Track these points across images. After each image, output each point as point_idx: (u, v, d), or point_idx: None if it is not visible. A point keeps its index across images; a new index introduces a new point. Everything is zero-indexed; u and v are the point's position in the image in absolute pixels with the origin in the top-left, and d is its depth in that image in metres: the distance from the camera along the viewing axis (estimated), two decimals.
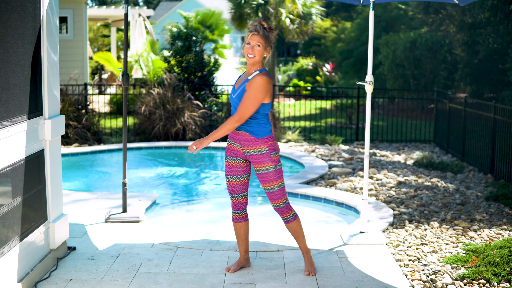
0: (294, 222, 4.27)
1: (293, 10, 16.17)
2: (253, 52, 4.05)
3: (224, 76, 16.18)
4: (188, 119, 10.58)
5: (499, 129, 8.02)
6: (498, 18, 11.63)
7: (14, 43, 3.72)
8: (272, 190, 4.17)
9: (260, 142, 4.12)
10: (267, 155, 4.13)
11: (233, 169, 4.24)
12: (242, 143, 4.15)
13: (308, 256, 4.35)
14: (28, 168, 3.94)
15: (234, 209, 4.34)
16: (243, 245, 4.39)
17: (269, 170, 4.14)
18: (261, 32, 4.05)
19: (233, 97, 4.16)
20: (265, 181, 4.16)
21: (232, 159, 4.24)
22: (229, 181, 4.27)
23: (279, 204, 4.21)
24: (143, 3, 55.46)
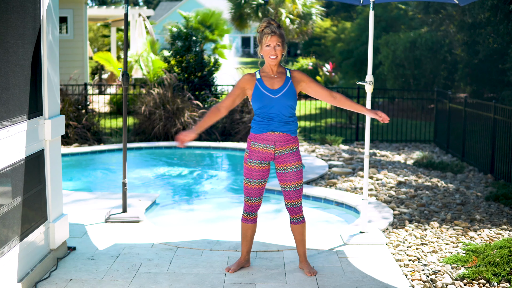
0: (302, 225, 4.30)
1: (293, 10, 16.17)
2: (275, 53, 4.11)
3: (224, 76, 16.18)
4: (188, 119, 10.58)
5: (499, 129, 8.01)
6: (498, 18, 11.63)
7: (14, 43, 3.72)
8: (296, 188, 4.21)
9: (294, 141, 4.21)
10: (297, 153, 4.23)
11: (259, 173, 4.21)
12: (277, 144, 4.16)
13: (306, 262, 4.36)
14: (28, 168, 3.94)
15: (246, 210, 4.32)
16: (246, 246, 4.39)
17: (298, 168, 4.21)
18: (278, 32, 4.11)
19: (275, 97, 4.13)
20: (291, 179, 4.19)
21: (259, 163, 4.20)
22: (251, 185, 4.23)
23: (298, 202, 4.26)
24: (143, 3, 55.46)
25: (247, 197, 4.28)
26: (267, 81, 4.18)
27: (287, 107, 4.13)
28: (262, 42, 4.15)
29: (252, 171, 4.21)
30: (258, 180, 4.22)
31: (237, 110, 11.05)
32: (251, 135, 4.23)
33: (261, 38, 4.14)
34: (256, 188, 4.24)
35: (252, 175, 4.21)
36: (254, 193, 4.25)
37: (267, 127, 4.15)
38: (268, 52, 4.12)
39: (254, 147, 4.20)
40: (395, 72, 16.16)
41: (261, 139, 4.17)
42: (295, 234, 4.33)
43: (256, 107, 4.16)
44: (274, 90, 4.14)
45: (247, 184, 4.24)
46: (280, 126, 4.14)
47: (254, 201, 4.27)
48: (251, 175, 4.21)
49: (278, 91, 4.13)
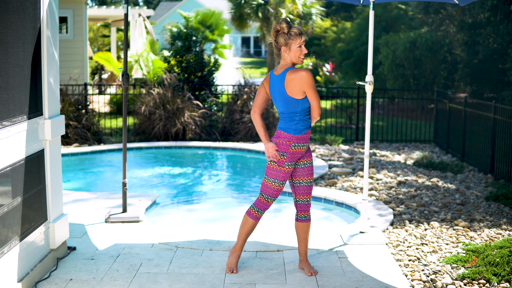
0: (307, 224, 4.32)
1: (293, 10, 16.17)
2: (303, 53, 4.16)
3: (224, 76, 16.18)
4: (188, 119, 10.58)
5: (499, 129, 8.02)
6: (498, 18, 11.63)
7: (14, 43, 3.72)
8: (309, 183, 4.27)
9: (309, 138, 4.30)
10: (310, 149, 4.38)
11: (286, 176, 4.21)
12: (306, 142, 4.23)
13: (306, 262, 4.37)
14: (28, 168, 3.94)
15: (260, 208, 4.26)
16: (245, 240, 4.37)
17: (311, 163, 4.31)
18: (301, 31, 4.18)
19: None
20: (306, 174, 4.24)
21: (292, 164, 4.20)
22: (277, 186, 4.20)
23: (309, 199, 4.30)
24: (143, 3, 55.46)
25: (269, 197, 4.24)
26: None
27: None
28: (292, 43, 4.11)
29: (286, 174, 4.19)
30: (284, 181, 4.24)
31: (237, 110, 11.05)
32: (291, 137, 4.13)
33: (290, 39, 4.10)
34: (279, 189, 4.25)
35: (281, 176, 4.19)
36: (275, 194, 4.25)
37: (307, 126, 4.20)
38: (299, 53, 4.14)
39: (295, 148, 4.16)
40: (395, 72, 16.16)
41: (303, 139, 4.19)
42: (298, 232, 4.33)
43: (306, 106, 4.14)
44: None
45: (274, 185, 4.20)
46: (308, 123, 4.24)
47: (271, 200, 4.27)
48: (280, 176, 4.18)
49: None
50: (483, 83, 13.95)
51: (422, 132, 12.24)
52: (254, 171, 8.91)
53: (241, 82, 11.56)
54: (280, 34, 4.15)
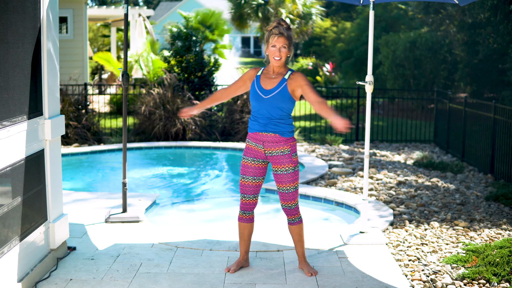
0: (299, 226, 4.29)
1: (293, 10, 16.17)
2: (280, 54, 4.10)
3: (224, 76, 16.18)
4: (188, 119, 10.58)
5: (499, 129, 8.01)
6: (498, 18, 11.63)
7: (14, 43, 3.72)
8: (288, 191, 4.19)
9: (285, 143, 4.15)
10: (288, 156, 4.15)
11: (251, 170, 4.23)
12: (266, 145, 4.15)
13: (306, 261, 4.36)
14: (28, 168, 3.94)
15: (242, 209, 4.33)
16: (244, 246, 4.39)
17: (288, 171, 4.16)
18: (286, 33, 4.09)
19: (266, 97, 4.12)
20: (282, 181, 4.17)
21: (251, 159, 4.22)
22: (243, 181, 4.26)
23: (291, 205, 4.24)
24: (143, 3, 55.46)
25: (241, 194, 4.30)
26: (264, 81, 4.19)
27: (276, 109, 4.11)
28: (268, 42, 4.13)
29: (246, 168, 4.24)
30: (252, 177, 4.23)
31: (237, 110, 11.05)
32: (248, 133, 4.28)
33: (268, 37, 4.12)
34: (250, 185, 4.24)
35: (246, 171, 4.24)
36: (248, 190, 4.26)
37: (255, 127, 4.18)
38: (273, 53, 4.11)
39: (249, 144, 4.24)
40: (395, 72, 16.16)
41: (252, 137, 4.21)
42: (292, 235, 4.34)
43: (251, 104, 4.22)
44: (266, 91, 4.14)
45: (242, 181, 4.27)
46: (267, 126, 4.13)
47: (248, 198, 4.28)
48: (245, 171, 4.25)
49: (270, 91, 4.13)
50: (483, 83, 13.95)
51: (422, 132, 12.24)
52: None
53: None
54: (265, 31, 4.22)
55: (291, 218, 4.28)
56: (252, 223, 4.37)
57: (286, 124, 4.16)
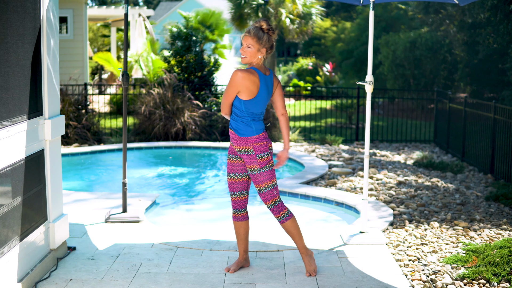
0: (287, 222, 4.23)
1: (293, 10, 16.17)
2: (244, 53, 4.11)
3: (224, 76, 16.18)
4: (188, 119, 10.58)
5: (499, 129, 8.01)
6: (498, 18, 11.63)
7: (14, 43, 3.72)
8: (260, 191, 4.20)
9: (246, 142, 4.13)
10: (254, 157, 4.13)
11: (233, 167, 4.27)
12: (233, 141, 4.21)
13: (307, 256, 4.30)
14: (28, 168, 3.94)
15: (233, 207, 4.37)
16: (242, 245, 4.39)
17: (254, 172, 4.15)
18: (253, 33, 4.06)
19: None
20: (254, 181, 4.20)
21: (231, 156, 4.29)
22: (229, 179, 4.32)
23: (268, 205, 4.22)
24: (143, 3, 55.46)
25: (230, 192, 4.35)
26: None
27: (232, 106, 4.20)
28: None
29: (229, 165, 4.31)
30: (234, 173, 4.27)
31: None
32: None
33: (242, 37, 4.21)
34: (235, 182, 4.27)
35: (229, 168, 4.31)
36: (235, 188, 4.29)
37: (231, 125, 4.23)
38: (240, 51, 4.15)
39: (231, 143, 4.30)
40: (395, 72, 16.16)
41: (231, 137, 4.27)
42: (287, 232, 4.29)
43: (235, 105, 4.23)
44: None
45: (227, 179, 4.34)
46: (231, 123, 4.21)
47: (236, 196, 4.30)
48: (228, 168, 4.32)
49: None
50: (483, 83, 13.95)
51: (422, 132, 12.24)
52: None
53: None
54: None
55: (277, 217, 4.24)
56: (247, 221, 4.36)
57: (242, 122, 4.13)
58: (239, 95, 4.08)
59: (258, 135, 4.13)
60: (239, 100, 4.10)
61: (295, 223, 4.26)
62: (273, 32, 4.15)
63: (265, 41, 4.08)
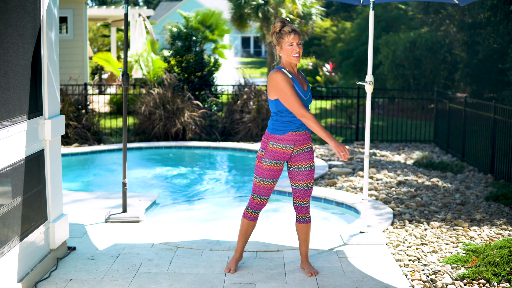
0: (308, 225, 4.32)
1: (293, 10, 16.17)
2: (299, 51, 4.11)
3: (224, 76, 16.18)
4: (188, 119, 10.58)
5: (499, 129, 8.01)
6: (498, 18, 11.64)
7: (14, 43, 3.72)
8: (307, 187, 4.24)
9: (310, 139, 4.25)
10: (312, 152, 4.27)
11: (274, 173, 4.20)
12: (296, 144, 4.16)
13: (308, 262, 4.38)
14: (28, 168, 3.94)
15: (252, 208, 4.29)
16: (245, 242, 4.40)
17: (312, 166, 4.24)
18: (298, 31, 4.14)
19: (306, 99, 4.17)
20: (304, 178, 4.21)
21: (276, 162, 4.17)
22: (265, 184, 4.20)
23: (306, 202, 4.27)
24: (143, 3, 55.46)
25: (257, 195, 4.25)
26: (298, 82, 4.19)
27: (309, 109, 4.20)
28: (282, 41, 4.10)
29: (270, 171, 4.18)
30: (271, 179, 4.21)
31: (237, 110, 11.05)
32: (268, 135, 4.18)
33: (280, 38, 4.10)
34: (268, 187, 4.23)
35: (269, 174, 4.19)
36: (265, 192, 4.24)
37: (289, 128, 4.14)
38: (291, 51, 4.09)
39: (272, 147, 4.17)
40: (395, 72, 16.16)
41: (282, 139, 4.16)
42: (299, 233, 4.33)
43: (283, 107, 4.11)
44: (305, 92, 4.18)
45: (260, 183, 4.21)
46: (302, 125, 4.17)
47: (264, 199, 4.27)
48: (268, 174, 4.19)
49: (307, 92, 4.19)
50: (483, 83, 13.95)
51: (422, 132, 12.24)
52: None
53: (241, 82, 11.56)
54: (273, 34, 4.18)
55: (302, 216, 4.29)
56: (256, 222, 4.38)
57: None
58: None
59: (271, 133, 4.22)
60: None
61: (310, 229, 4.36)
62: None
63: None
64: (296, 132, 4.15)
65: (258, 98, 10.96)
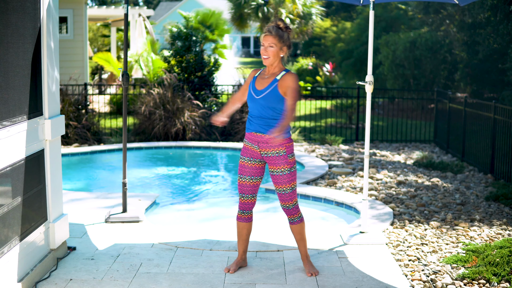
0: (300, 225, 4.28)
1: (293, 10, 16.17)
2: (267, 53, 4.08)
3: (224, 76, 16.18)
4: (188, 119, 10.58)
5: (499, 129, 8.01)
6: (498, 18, 11.64)
7: (14, 43, 3.72)
8: (284, 192, 4.18)
9: (280, 145, 4.11)
10: (284, 157, 4.13)
11: (247, 170, 4.23)
12: (261, 145, 4.14)
13: (308, 260, 4.36)
14: (28, 168, 3.94)
15: (240, 208, 4.32)
16: (243, 245, 4.39)
17: (284, 172, 4.14)
18: (274, 32, 4.07)
19: (257, 98, 4.11)
20: (279, 182, 4.17)
21: (248, 159, 4.22)
22: (241, 181, 4.26)
23: (289, 205, 4.23)
24: (143, 3, 55.46)
25: (240, 194, 4.30)
26: (258, 81, 4.18)
27: (267, 109, 4.09)
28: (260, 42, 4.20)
29: (243, 167, 4.25)
30: (249, 176, 4.23)
31: (237, 110, 11.05)
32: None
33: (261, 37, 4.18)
34: (247, 185, 4.24)
35: (243, 171, 4.24)
36: (246, 190, 4.26)
37: (250, 127, 4.18)
38: (261, 52, 4.13)
39: (245, 144, 4.24)
40: (395, 72, 16.16)
41: (248, 137, 4.21)
42: (294, 234, 4.34)
43: (248, 105, 4.22)
44: (258, 91, 4.13)
45: (239, 180, 4.27)
46: (261, 127, 4.11)
47: (246, 198, 4.27)
48: (242, 171, 4.25)
49: (261, 92, 4.12)
50: (483, 83, 13.95)
51: (422, 132, 12.24)
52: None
53: (241, 82, 11.56)
54: None
55: (291, 218, 4.28)
56: (251, 222, 4.36)
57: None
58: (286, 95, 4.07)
59: (290, 136, 4.19)
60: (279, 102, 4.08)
61: (304, 227, 4.33)
62: (290, 30, 4.16)
63: (285, 39, 4.10)
64: (256, 133, 4.14)
65: None
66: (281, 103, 4.08)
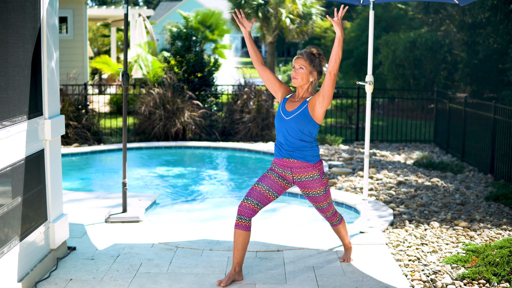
0: (340, 225, 4.52)
1: (293, 10, 16.17)
2: (296, 74, 4.10)
3: (224, 76, 16.18)
4: (188, 119, 10.58)
5: (499, 129, 8.02)
6: (498, 18, 11.64)
7: (14, 43, 3.72)
8: (322, 207, 4.35)
9: (313, 168, 4.14)
10: (319, 180, 4.18)
11: (271, 182, 4.15)
12: (294, 171, 4.14)
13: (349, 249, 4.63)
14: (28, 168, 3.94)
15: (239, 213, 4.08)
16: (237, 256, 4.11)
17: (320, 194, 4.23)
18: (305, 56, 4.09)
19: (287, 119, 4.09)
20: (316, 201, 4.29)
21: (276, 176, 4.18)
22: (257, 186, 4.13)
23: (327, 215, 4.43)
24: (143, 3, 55.47)
25: (246, 196, 4.09)
26: (288, 103, 4.17)
27: (296, 131, 4.06)
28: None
29: (267, 178, 4.17)
30: (268, 187, 4.12)
31: (237, 110, 11.05)
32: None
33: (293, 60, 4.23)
34: (261, 193, 4.10)
35: (266, 181, 4.15)
36: (255, 196, 4.08)
37: (281, 153, 4.15)
38: (291, 74, 4.14)
39: (274, 167, 4.22)
40: (395, 72, 16.16)
41: (278, 164, 4.18)
42: (337, 233, 4.58)
43: (275, 127, 4.24)
44: (288, 112, 4.11)
45: (255, 186, 4.14)
46: (293, 152, 4.11)
47: (250, 202, 4.05)
48: (264, 180, 4.16)
49: (291, 113, 4.09)
50: (483, 83, 13.95)
51: (422, 132, 12.24)
52: (254, 171, 8.91)
53: (241, 82, 11.56)
54: None
55: (331, 222, 4.50)
56: (248, 232, 4.09)
57: (312, 148, 4.13)
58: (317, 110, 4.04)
59: (320, 158, 4.25)
60: (314, 123, 4.08)
61: (344, 226, 4.57)
62: (324, 58, 4.17)
63: (316, 64, 4.12)
64: (289, 159, 4.14)
65: (258, 98, 10.96)
66: (310, 125, 4.06)
